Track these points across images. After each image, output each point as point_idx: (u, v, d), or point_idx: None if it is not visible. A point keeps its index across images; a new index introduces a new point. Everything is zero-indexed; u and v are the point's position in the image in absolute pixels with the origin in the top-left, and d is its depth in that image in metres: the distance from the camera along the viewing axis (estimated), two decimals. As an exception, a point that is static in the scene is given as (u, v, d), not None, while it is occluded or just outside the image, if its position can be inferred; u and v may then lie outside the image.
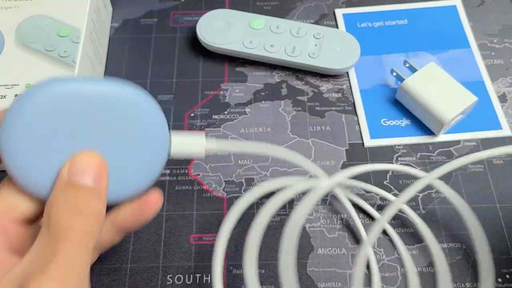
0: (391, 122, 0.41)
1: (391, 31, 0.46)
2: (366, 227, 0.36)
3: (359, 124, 0.41)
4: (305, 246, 0.36)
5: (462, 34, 0.45)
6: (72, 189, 0.22)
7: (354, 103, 0.42)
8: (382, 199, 0.37)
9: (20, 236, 0.23)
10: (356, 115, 0.41)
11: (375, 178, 0.38)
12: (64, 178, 0.23)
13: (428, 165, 0.39)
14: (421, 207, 0.37)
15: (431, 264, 0.35)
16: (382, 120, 0.41)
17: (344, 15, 0.47)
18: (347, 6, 0.48)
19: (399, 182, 0.38)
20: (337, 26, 0.46)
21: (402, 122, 0.41)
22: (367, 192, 0.38)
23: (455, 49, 0.44)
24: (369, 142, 0.40)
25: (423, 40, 0.45)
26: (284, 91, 0.43)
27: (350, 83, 0.43)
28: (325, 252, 0.35)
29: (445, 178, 0.38)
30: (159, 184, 0.38)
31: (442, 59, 0.44)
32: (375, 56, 0.44)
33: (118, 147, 0.25)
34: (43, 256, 0.21)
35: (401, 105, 0.41)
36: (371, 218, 0.37)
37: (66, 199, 0.22)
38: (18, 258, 0.22)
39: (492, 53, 0.44)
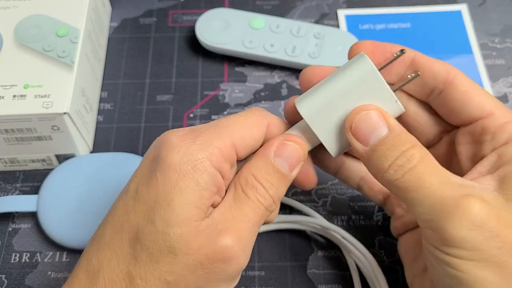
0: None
1: (393, 34, 0.45)
2: (367, 228, 0.36)
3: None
4: (305, 248, 0.35)
5: (465, 41, 0.45)
6: (271, 169, 0.26)
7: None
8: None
9: (233, 174, 0.27)
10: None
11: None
12: (270, 156, 0.26)
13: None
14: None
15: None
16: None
17: (347, 16, 0.47)
18: (348, 6, 0.47)
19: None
20: (338, 27, 0.46)
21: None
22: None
23: (458, 55, 0.44)
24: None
25: (426, 44, 0.45)
26: (284, 91, 0.43)
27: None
28: (326, 254, 0.35)
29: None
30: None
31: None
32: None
33: None
34: (238, 215, 0.25)
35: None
36: (371, 218, 0.36)
37: (262, 175, 0.26)
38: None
39: (494, 53, 0.44)
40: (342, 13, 0.47)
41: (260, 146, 0.27)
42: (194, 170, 0.24)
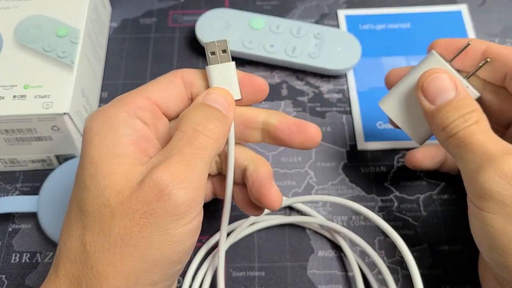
0: (387, 126, 0.41)
1: (393, 34, 0.45)
2: (367, 228, 0.36)
3: (353, 127, 0.41)
4: (305, 248, 0.35)
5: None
6: (206, 107, 0.26)
7: (350, 104, 0.42)
8: (383, 200, 0.37)
9: (165, 128, 0.28)
10: (352, 117, 0.41)
11: (375, 179, 0.38)
12: (200, 100, 0.27)
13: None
14: (422, 208, 0.37)
15: (432, 266, 0.35)
16: (377, 123, 0.41)
17: (347, 17, 0.47)
18: (348, 7, 0.47)
19: (400, 184, 0.38)
20: (338, 27, 0.46)
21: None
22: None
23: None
24: (362, 145, 0.40)
25: (426, 44, 0.43)
26: (284, 92, 0.43)
27: (347, 84, 0.43)
28: (326, 254, 0.35)
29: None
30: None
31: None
32: (375, 58, 0.44)
33: None
34: (171, 151, 0.24)
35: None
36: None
37: (200, 113, 0.26)
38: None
39: (494, 53, 0.44)
40: (342, 13, 0.47)
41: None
42: (110, 123, 0.25)
